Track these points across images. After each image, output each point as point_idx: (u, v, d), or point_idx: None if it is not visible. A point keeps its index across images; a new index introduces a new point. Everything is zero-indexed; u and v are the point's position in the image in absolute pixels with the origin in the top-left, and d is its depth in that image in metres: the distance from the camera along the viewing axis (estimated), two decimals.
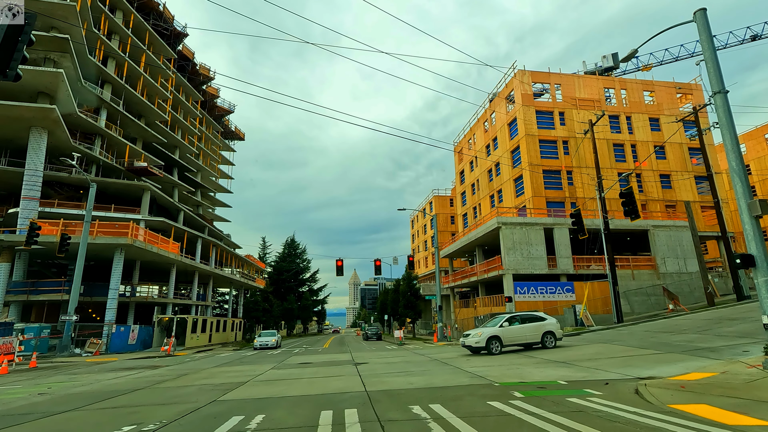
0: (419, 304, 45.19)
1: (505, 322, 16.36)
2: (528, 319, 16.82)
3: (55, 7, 30.41)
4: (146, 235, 32.62)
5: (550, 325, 16.78)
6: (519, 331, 16.34)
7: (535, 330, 16.47)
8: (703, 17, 10.32)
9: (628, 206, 17.63)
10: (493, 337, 15.92)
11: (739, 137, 11.03)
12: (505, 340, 16.07)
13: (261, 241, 76.71)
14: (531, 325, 16.59)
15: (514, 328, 16.36)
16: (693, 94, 41.41)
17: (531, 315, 17.27)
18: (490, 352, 15.76)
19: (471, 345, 16.25)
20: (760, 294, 8.77)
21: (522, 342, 16.43)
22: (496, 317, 17.83)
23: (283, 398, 8.87)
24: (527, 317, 16.99)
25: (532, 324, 16.62)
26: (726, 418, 5.58)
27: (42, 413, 8.14)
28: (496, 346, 15.86)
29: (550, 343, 16.43)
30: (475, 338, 16.07)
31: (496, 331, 16.09)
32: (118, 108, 38.72)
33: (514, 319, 16.73)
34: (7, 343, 19.42)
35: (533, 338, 16.42)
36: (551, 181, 36.31)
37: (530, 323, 16.65)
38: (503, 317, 16.88)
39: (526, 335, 16.38)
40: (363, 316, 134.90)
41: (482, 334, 15.91)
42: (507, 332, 16.16)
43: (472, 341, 16.21)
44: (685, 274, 30.75)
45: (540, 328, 16.57)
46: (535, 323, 16.67)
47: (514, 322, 16.56)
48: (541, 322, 16.76)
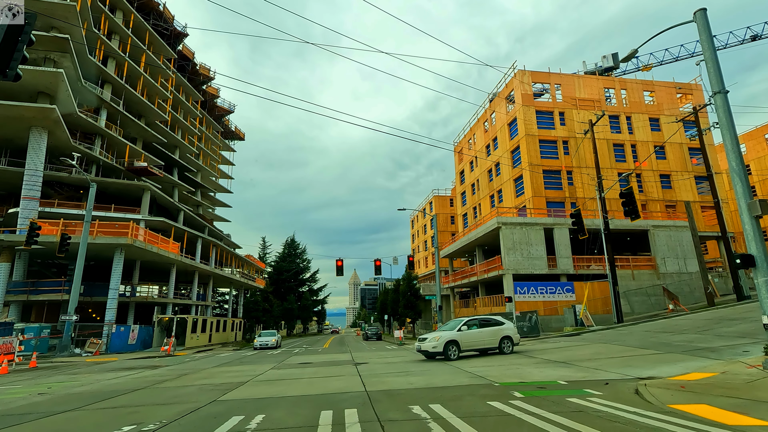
0: (419, 304, 45.18)
1: (463, 326, 15.46)
2: (487, 323, 16.06)
3: (55, 7, 30.41)
4: (146, 235, 32.62)
5: (508, 329, 16.12)
6: (478, 336, 15.48)
7: (493, 335, 15.70)
8: (703, 17, 10.32)
9: (628, 206, 17.63)
10: (451, 342, 14.88)
11: (739, 137, 11.03)
12: (463, 345, 15.10)
13: (261, 241, 76.82)
14: (490, 329, 15.81)
15: (473, 332, 15.48)
16: (693, 94, 41.41)
17: (490, 319, 16.51)
18: (447, 358, 14.71)
19: (427, 350, 15.10)
20: (760, 294, 8.77)
21: (480, 347, 15.57)
22: (455, 320, 16.85)
23: (283, 398, 8.87)
24: (486, 321, 16.24)
25: (490, 328, 15.85)
26: (726, 418, 5.58)
27: (42, 413, 8.14)
28: (454, 351, 14.82)
29: (508, 348, 15.74)
30: (432, 342, 14.95)
31: (455, 335, 15.06)
32: (118, 108, 38.72)
33: (473, 322, 15.89)
34: (7, 343, 19.42)
35: (491, 343, 15.64)
36: (551, 181, 36.31)
37: (489, 327, 15.87)
38: (462, 320, 15.99)
39: (485, 340, 15.56)
40: (363, 316, 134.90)
41: (440, 339, 14.86)
42: (465, 336, 15.21)
43: (428, 346, 15.04)
44: (685, 274, 30.75)
45: (498, 332, 15.83)
46: (493, 328, 15.91)
47: (472, 325, 15.70)
48: (500, 326, 16.03)
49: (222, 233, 57.20)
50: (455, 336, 15.02)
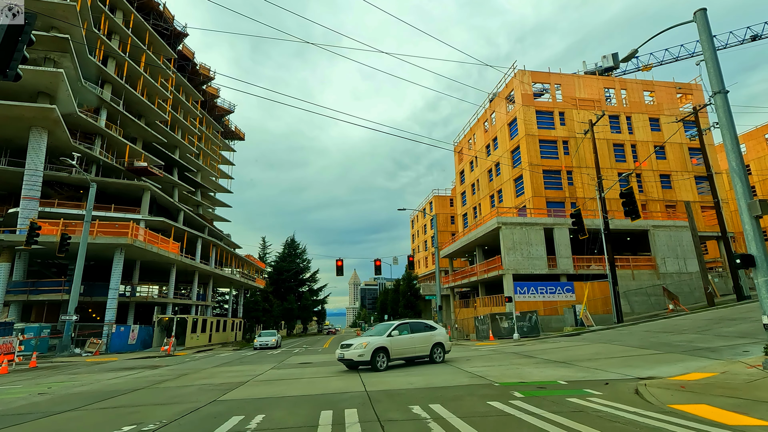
0: (419, 304, 45.24)
1: (394, 331, 13.67)
2: (418, 328, 14.45)
3: (55, 7, 30.41)
4: (146, 235, 32.62)
5: (440, 335, 14.67)
6: (409, 342, 13.79)
7: (425, 341, 14.17)
8: (703, 17, 10.32)
9: (628, 206, 17.63)
10: (380, 349, 13.01)
11: (739, 137, 11.03)
12: (393, 353, 13.29)
13: (261, 241, 76.71)
14: (422, 335, 14.23)
15: (404, 338, 13.73)
16: (693, 94, 41.41)
17: (421, 324, 14.85)
18: (375, 368, 12.80)
19: (352, 359, 12.84)
20: (760, 294, 8.77)
21: (410, 355, 13.88)
22: (383, 324, 15.08)
23: (283, 398, 8.87)
24: (418, 326, 14.60)
25: (422, 334, 14.29)
26: (726, 418, 5.58)
27: (42, 413, 8.14)
28: (383, 360, 12.97)
29: (439, 357, 14.36)
30: (358, 350, 12.82)
31: (385, 341, 13.19)
32: (118, 108, 38.72)
33: (403, 327, 14.16)
34: (7, 342, 19.43)
35: (422, 351, 14.07)
36: (551, 181, 36.31)
37: (421, 333, 14.30)
38: (392, 324, 14.22)
39: (416, 347, 13.94)
40: (363, 316, 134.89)
41: (368, 345, 12.83)
42: (396, 343, 13.44)
43: (354, 354, 12.84)
44: (685, 274, 30.74)
45: (430, 339, 14.30)
46: (425, 333, 14.39)
47: (403, 330, 13.98)
48: (432, 332, 14.58)
49: (222, 233, 57.21)
50: (385, 342, 13.19)
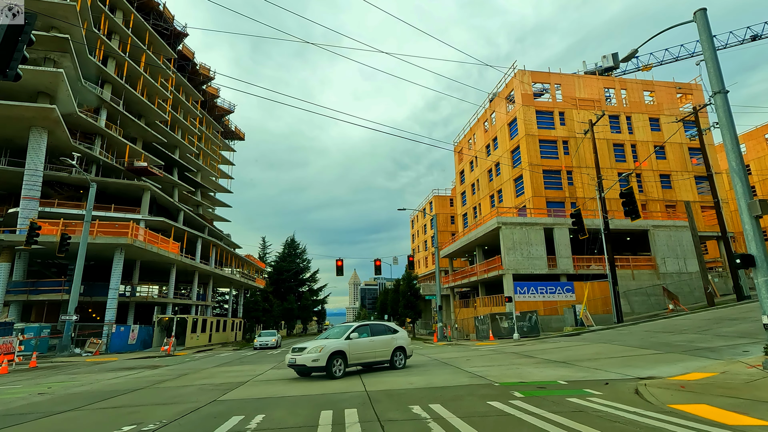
0: (419, 304, 45.21)
1: (353, 333, 12.40)
2: (379, 331, 13.27)
3: (55, 7, 30.41)
4: (146, 234, 32.62)
5: (401, 339, 13.58)
6: (369, 346, 12.61)
7: (386, 345, 13.05)
8: (703, 17, 10.32)
9: (628, 206, 17.63)
10: (337, 354, 11.75)
11: (739, 137, 11.03)
12: (351, 358, 12.06)
13: (261, 241, 76.75)
14: (382, 338, 13.09)
15: (364, 341, 12.53)
16: (693, 94, 41.41)
17: (382, 326, 13.70)
18: (331, 375, 11.48)
19: (305, 364, 11.42)
20: (760, 294, 8.77)
21: (370, 360, 12.69)
22: (340, 326, 13.84)
23: (283, 398, 8.87)
24: (378, 328, 13.41)
25: (383, 337, 13.13)
26: (726, 418, 5.58)
27: (42, 413, 8.14)
28: (339, 366, 11.75)
29: (400, 362, 13.28)
30: (313, 354, 11.44)
31: (342, 344, 11.94)
32: (118, 108, 38.72)
33: (363, 329, 12.90)
34: (7, 342, 19.43)
35: (383, 355, 12.94)
36: (551, 181, 36.32)
37: (382, 336, 13.13)
38: (350, 326, 12.85)
39: (377, 351, 12.78)
40: (363, 316, 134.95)
41: (324, 349, 11.54)
42: (355, 347, 12.24)
43: (307, 359, 11.42)
44: (685, 274, 30.74)
45: (391, 342, 13.19)
46: (386, 336, 13.23)
47: (363, 332, 12.73)
48: (393, 335, 13.44)
49: (222, 233, 57.21)
50: (343, 346, 11.94)
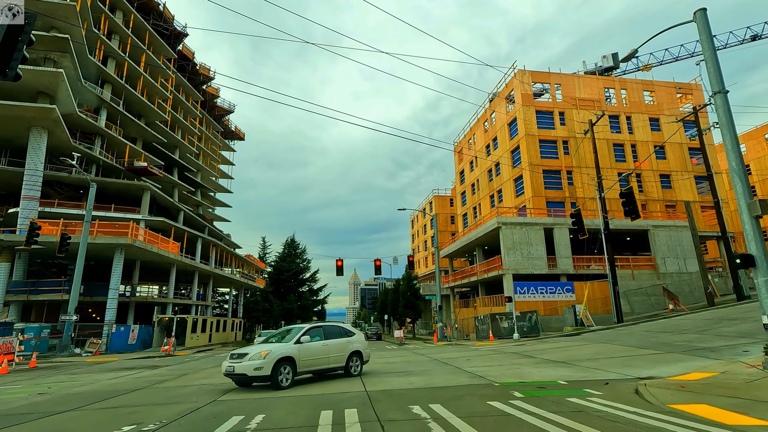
0: (419, 304, 45.20)
1: (304, 336, 10.96)
2: (333, 333, 12.01)
3: (55, 7, 30.40)
4: (146, 234, 32.61)
5: (358, 342, 12.37)
6: (322, 351, 11.26)
7: (341, 349, 11.79)
8: (703, 17, 10.32)
9: (628, 206, 17.63)
10: (284, 360, 10.26)
11: (739, 137, 11.03)
12: (301, 365, 10.62)
13: (261, 241, 76.59)
14: (337, 342, 11.83)
15: (316, 345, 11.19)
16: (693, 94, 41.42)
17: (337, 327, 12.43)
18: (277, 386, 9.99)
19: (245, 373, 9.80)
20: (760, 294, 8.77)
21: (322, 367, 11.29)
22: (289, 328, 12.10)
23: (283, 398, 8.87)
24: (332, 330, 12.12)
25: (338, 341, 11.87)
26: (726, 418, 5.58)
27: (42, 413, 8.14)
28: (287, 375, 10.25)
29: (356, 369, 12.06)
30: (255, 361, 9.86)
31: (290, 349, 10.50)
32: (118, 108, 38.72)
33: (315, 331, 11.55)
34: (7, 342, 19.42)
35: (337, 361, 11.64)
36: (551, 181, 36.32)
37: (336, 339, 11.88)
38: (301, 328, 11.43)
39: (330, 356, 11.45)
40: (363, 316, 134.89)
41: (269, 354, 10.01)
42: (306, 351, 10.80)
43: (248, 366, 9.81)
44: (685, 274, 30.74)
45: (346, 347, 11.96)
46: (341, 340, 11.99)
47: (315, 335, 11.41)
48: (349, 338, 12.23)
49: (222, 233, 57.22)
50: (291, 351, 10.49)
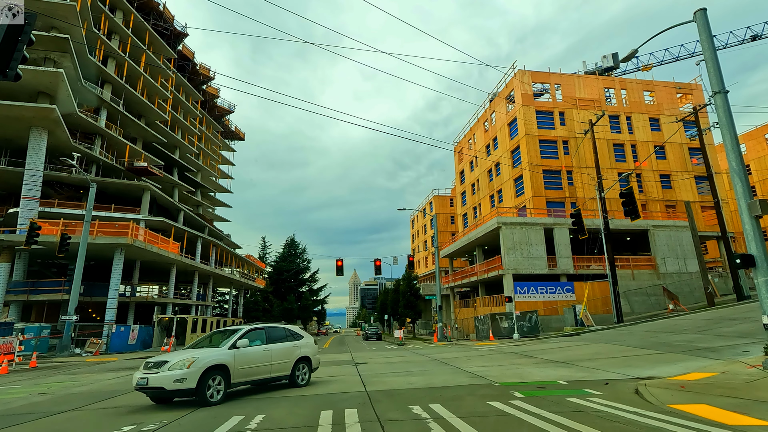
0: (419, 304, 45.19)
1: (242, 339, 9.28)
2: (278, 336, 10.35)
3: (55, 7, 30.40)
4: (146, 235, 32.62)
5: (307, 347, 10.88)
6: (263, 357, 9.58)
7: (286, 355, 10.19)
8: (703, 17, 10.31)
9: (628, 206, 17.63)
10: (215, 369, 8.44)
11: (739, 137, 11.03)
12: (237, 375, 8.87)
13: (261, 241, 76.76)
14: (282, 347, 10.19)
15: (256, 351, 9.49)
16: (693, 94, 41.41)
17: (282, 330, 10.74)
18: (205, 401, 8.14)
19: (162, 386, 7.85)
20: (760, 294, 8.77)
21: (263, 376, 9.62)
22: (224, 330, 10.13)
23: (283, 398, 8.87)
24: (277, 333, 10.45)
25: (283, 345, 10.26)
26: (726, 418, 5.58)
27: (42, 413, 8.14)
28: (218, 387, 8.45)
29: (303, 377, 10.51)
30: (177, 371, 7.94)
31: (223, 356, 8.69)
32: (118, 108, 38.72)
33: (256, 333, 9.88)
34: (7, 343, 19.43)
35: (281, 369, 10.01)
36: (551, 181, 36.32)
37: (281, 344, 10.24)
38: (239, 331, 9.61)
39: (273, 364, 9.79)
40: (363, 316, 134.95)
41: (194, 363, 8.10)
42: (243, 358, 9.07)
43: (167, 378, 7.86)
44: (685, 274, 30.74)
45: (293, 352, 10.39)
46: (287, 344, 10.39)
47: (255, 339, 9.74)
48: (295, 342, 10.67)
49: (222, 233, 57.21)
50: (224, 358, 8.68)
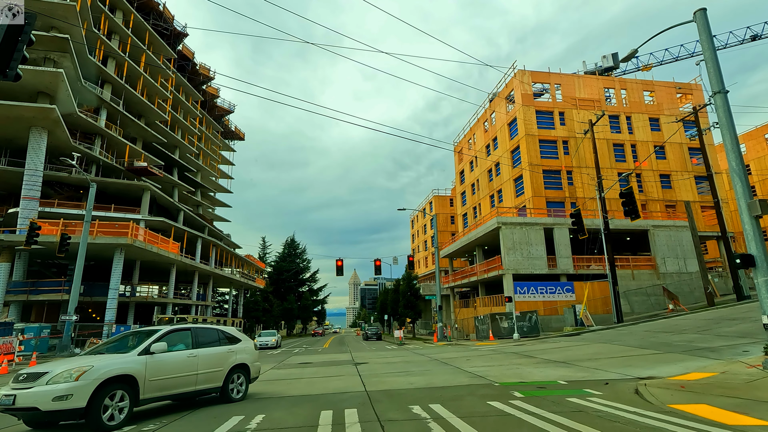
0: (419, 304, 45.20)
1: (157, 343, 7.39)
2: (207, 339, 8.51)
3: (55, 7, 30.40)
4: (146, 235, 32.61)
5: (244, 352, 9.13)
6: (185, 365, 7.78)
7: (217, 362, 8.39)
8: (703, 17, 10.31)
9: (628, 206, 17.63)
10: (116, 381, 6.62)
11: (739, 137, 11.03)
12: (150, 388, 7.10)
13: (261, 241, 76.81)
14: (212, 352, 8.37)
15: (176, 357, 7.71)
16: (693, 94, 41.41)
17: (213, 331, 8.89)
18: (100, 426, 6.27)
19: (37, 406, 5.97)
20: (760, 294, 8.76)
21: (188, 389, 7.78)
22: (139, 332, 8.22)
23: (282, 398, 8.87)
24: (207, 335, 8.60)
25: (214, 350, 8.44)
26: (726, 418, 5.58)
27: None
28: (120, 405, 6.61)
29: (238, 390, 8.79)
30: (60, 385, 6.14)
31: (130, 364, 6.93)
32: (118, 108, 38.72)
33: (178, 336, 8.03)
34: (7, 343, 19.41)
35: (210, 380, 8.20)
36: (551, 181, 36.32)
37: (211, 348, 8.40)
38: (157, 332, 7.75)
39: (200, 373, 7.96)
40: (363, 316, 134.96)
41: (87, 373, 6.33)
42: (158, 366, 7.30)
43: (43, 395, 6.04)
44: (685, 274, 30.74)
45: (226, 359, 8.61)
46: (218, 349, 8.57)
47: (178, 343, 7.94)
48: (230, 346, 8.88)
49: (222, 233, 57.22)
50: (131, 366, 6.91)
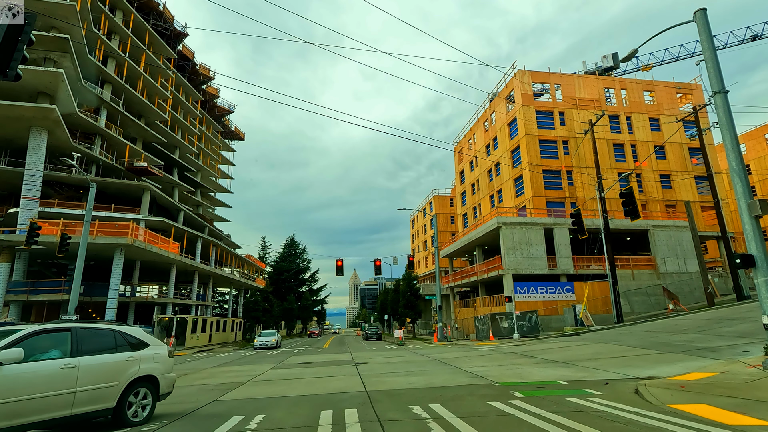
0: (419, 304, 45.18)
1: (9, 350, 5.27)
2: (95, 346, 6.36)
3: (55, 7, 30.40)
4: (146, 235, 32.61)
5: (152, 360, 7.11)
6: (55, 380, 5.64)
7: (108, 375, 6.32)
8: (703, 17, 10.31)
9: (628, 206, 17.62)
10: None
11: (739, 137, 11.02)
12: None
13: (261, 241, 76.75)
14: (101, 361, 6.30)
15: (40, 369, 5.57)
16: (693, 94, 41.41)
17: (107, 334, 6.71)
18: None
19: None
20: (760, 294, 8.76)
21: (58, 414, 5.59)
22: None
23: (283, 398, 8.87)
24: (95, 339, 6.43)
25: (103, 359, 6.36)
26: (726, 418, 5.58)
27: None
28: None
29: (140, 412, 6.75)
30: None
31: None
32: (118, 108, 38.72)
33: (48, 339, 5.94)
34: None
35: (96, 400, 6.10)
36: (551, 181, 36.32)
37: (99, 356, 6.31)
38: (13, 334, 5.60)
39: (79, 390, 5.86)
40: (363, 316, 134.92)
41: None
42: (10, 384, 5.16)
43: None
44: (685, 274, 30.74)
45: (124, 369, 6.57)
46: (112, 357, 6.51)
47: (48, 349, 5.87)
48: (131, 353, 6.80)
49: (222, 233, 57.22)
50: None
